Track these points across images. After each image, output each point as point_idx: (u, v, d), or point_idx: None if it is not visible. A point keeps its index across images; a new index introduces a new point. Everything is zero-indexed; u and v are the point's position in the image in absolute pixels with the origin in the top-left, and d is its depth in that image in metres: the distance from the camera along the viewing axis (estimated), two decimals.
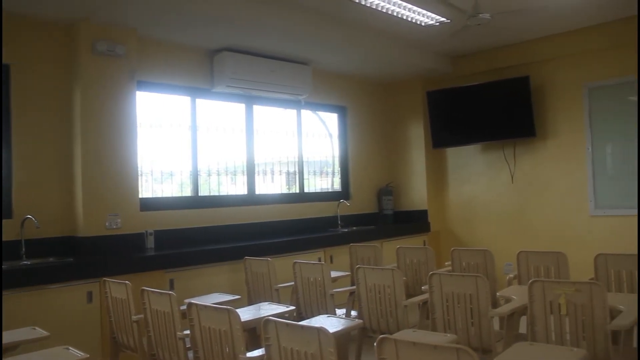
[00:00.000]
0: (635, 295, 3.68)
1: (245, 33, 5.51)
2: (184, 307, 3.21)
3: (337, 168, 7.69)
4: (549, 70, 7.03)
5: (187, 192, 5.92)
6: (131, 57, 5.11)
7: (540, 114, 7.06)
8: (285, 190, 6.97)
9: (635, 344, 3.15)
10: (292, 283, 4.60)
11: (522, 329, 3.36)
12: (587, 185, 6.74)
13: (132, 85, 5.13)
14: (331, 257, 6.18)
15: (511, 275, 4.58)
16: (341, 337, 3.17)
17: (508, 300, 3.52)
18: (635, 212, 6.32)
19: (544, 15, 6.05)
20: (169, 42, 5.63)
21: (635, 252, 3.96)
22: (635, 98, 6.39)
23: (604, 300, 2.85)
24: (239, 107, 6.46)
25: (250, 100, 6.50)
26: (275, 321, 2.51)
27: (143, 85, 5.47)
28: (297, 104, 6.97)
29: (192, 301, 3.13)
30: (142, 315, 3.61)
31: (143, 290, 3.54)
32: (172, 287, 4.75)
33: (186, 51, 5.82)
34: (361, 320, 3.48)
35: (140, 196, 5.25)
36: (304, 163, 7.19)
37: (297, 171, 7.10)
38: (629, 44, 6.33)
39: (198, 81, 5.94)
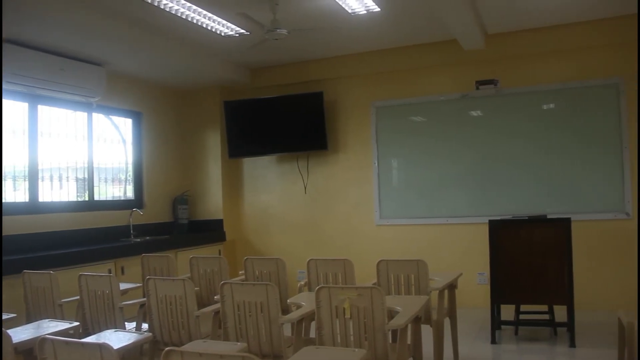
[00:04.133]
0: (410, 297, 4.03)
1: (31, 24, 5.05)
2: None
3: (131, 175, 7.39)
4: (342, 87, 7.46)
5: None
6: None
7: (333, 129, 7.44)
8: (73, 198, 6.53)
9: (409, 341, 3.44)
10: (78, 297, 4.32)
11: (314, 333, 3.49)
12: (373, 197, 7.25)
13: None
14: (122, 269, 5.91)
15: (302, 283, 4.75)
16: (128, 352, 3.04)
17: (299, 306, 3.64)
18: (411, 221, 6.98)
19: (337, 36, 6.41)
20: None
21: (411, 257, 4.32)
22: (418, 118, 7.06)
23: (383, 303, 3.06)
24: (22, 106, 5.92)
25: (34, 99, 5.97)
26: (52, 339, 2.33)
27: None
28: (88, 107, 6.56)
29: None
30: None
31: None
32: None
33: None
34: (151, 334, 3.37)
35: None
36: (95, 169, 6.79)
37: (86, 178, 6.69)
38: (411, 68, 7.01)
39: None
